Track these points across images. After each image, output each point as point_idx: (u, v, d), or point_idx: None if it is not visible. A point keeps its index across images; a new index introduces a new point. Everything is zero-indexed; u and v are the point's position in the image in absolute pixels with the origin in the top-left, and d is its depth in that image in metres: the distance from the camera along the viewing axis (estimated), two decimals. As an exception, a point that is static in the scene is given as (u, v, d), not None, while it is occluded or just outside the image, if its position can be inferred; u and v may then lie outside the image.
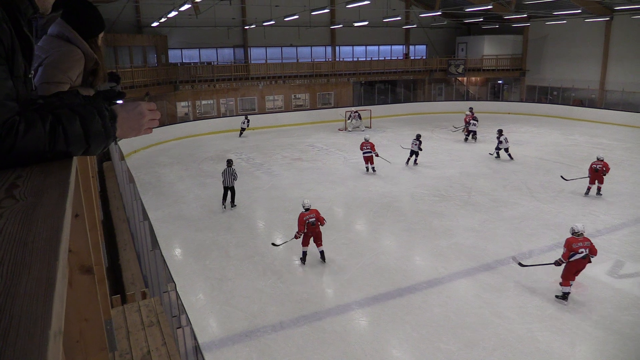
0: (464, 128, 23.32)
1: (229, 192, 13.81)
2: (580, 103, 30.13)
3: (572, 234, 8.55)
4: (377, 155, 17.14)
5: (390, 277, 9.40)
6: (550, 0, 22.23)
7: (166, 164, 19.61)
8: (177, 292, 3.65)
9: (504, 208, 13.36)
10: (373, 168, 17.30)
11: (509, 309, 8.17)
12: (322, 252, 10.16)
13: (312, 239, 10.04)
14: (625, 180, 15.92)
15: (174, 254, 10.92)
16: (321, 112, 30.22)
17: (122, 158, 10.59)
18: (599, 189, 14.11)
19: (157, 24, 24.73)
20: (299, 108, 30.92)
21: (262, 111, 29.50)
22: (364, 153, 17.27)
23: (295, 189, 15.44)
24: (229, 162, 13.97)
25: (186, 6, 19.29)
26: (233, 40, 29.51)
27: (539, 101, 32.03)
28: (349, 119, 26.88)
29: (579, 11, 25.53)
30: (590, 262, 8.36)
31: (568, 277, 8.34)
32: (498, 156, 19.24)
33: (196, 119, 27.59)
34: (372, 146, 17.08)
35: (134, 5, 25.72)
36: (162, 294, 3.76)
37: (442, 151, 20.78)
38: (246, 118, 25.68)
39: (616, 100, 28.62)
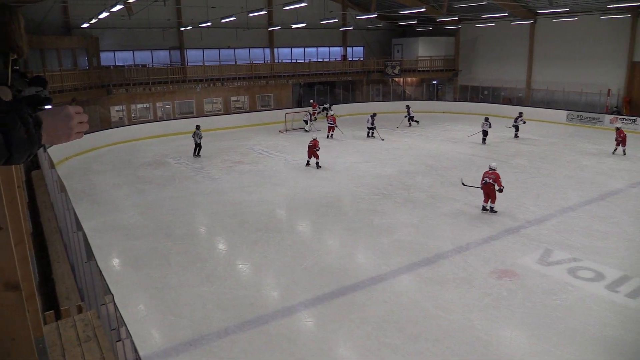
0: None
1: (198, 147, 20.61)
2: (509, 101, 31.74)
3: (488, 169, 12.89)
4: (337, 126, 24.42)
5: (334, 276, 9.49)
6: (478, 4, 23.24)
7: (100, 171, 18.84)
8: (115, 303, 3.52)
9: (442, 204, 13.83)
10: (332, 135, 24.11)
11: (449, 301, 8.47)
12: (316, 163, 18.12)
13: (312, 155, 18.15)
14: (551, 173, 16.92)
15: (112, 264, 10.52)
16: (261, 114, 30.06)
17: (53, 166, 10.09)
18: (624, 150, 19.29)
19: (87, 25, 23.71)
20: (238, 110, 30.62)
21: (201, 114, 28.95)
22: (328, 124, 24.49)
23: (237, 193, 15.28)
24: (197, 127, 20.75)
25: (118, 7, 18.62)
26: (168, 42, 28.79)
27: (471, 100, 33.43)
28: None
29: (506, 14, 26.87)
30: (500, 191, 12.51)
31: (484, 196, 12.82)
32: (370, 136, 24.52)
33: (131, 123, 26.66)
34: (335, 119, 24.51)
35: (62, 5, 24.52)
36: (99, 307, 3.62)
37: (381, 150, 21.22)
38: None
39: (541, 98, 30.38)
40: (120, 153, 22.09)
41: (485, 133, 22.39)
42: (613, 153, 19.54)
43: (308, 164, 18.45)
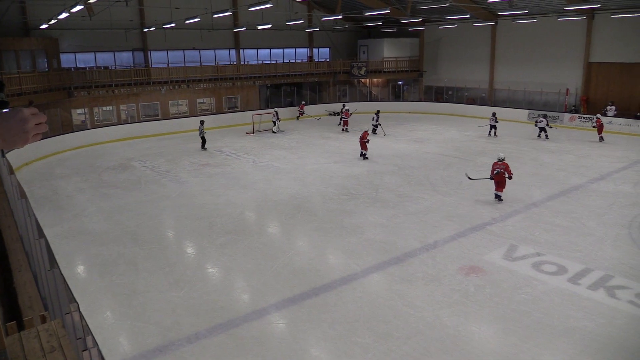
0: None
1: (203, 141, 22.38)
2: (473, 101, 32.42)
3: (497, 159, 13.81)
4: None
5: (305, 277, 9.49)
6: (441, 5, 23.66)
7: (63, 175, 18.31)
8: (80, 312, 3.43)
9: (409, 203, 14.01)
10: (346, 129, 26.06)
11: (419, 298, 8.58)
12: (364, 154, 19.58)
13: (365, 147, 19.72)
14: (515, 170, 17.27)
15: (77, 271, 10.24)
16: (228, 116, 29.79)
17: (12, 171, 9.75)
18: (601, 137, 22.40)
19: (47, 26, 23.02)
20: (205, 112, 30.25)
21: (166, 116, 28.48)
22: (343, 119, 26.61)
23: (205, 196, 15.10)
24: (202, 122, 22.71)
25: (78, 7, 18.11)
26: (132, 43, 28.21)
27: (436, 100, 34.02)
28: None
29: (468, 16, 27.48)
30: (509, 178, 13.68)
31: (496, 185, 13.73)
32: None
33: (94, 126, 25.99)
34: (347, 114, 26.59)
35: (20, 5, 23.72)
36: (63, 316, 3.52)
37: (349, 151, 21.33)
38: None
39: (503, 98, 31.14)
40: (83, 157, 21.53)
41: (492, 127, 24.21)
42: (599, 141, 22.40)
43: (361, 154, 19.71)
